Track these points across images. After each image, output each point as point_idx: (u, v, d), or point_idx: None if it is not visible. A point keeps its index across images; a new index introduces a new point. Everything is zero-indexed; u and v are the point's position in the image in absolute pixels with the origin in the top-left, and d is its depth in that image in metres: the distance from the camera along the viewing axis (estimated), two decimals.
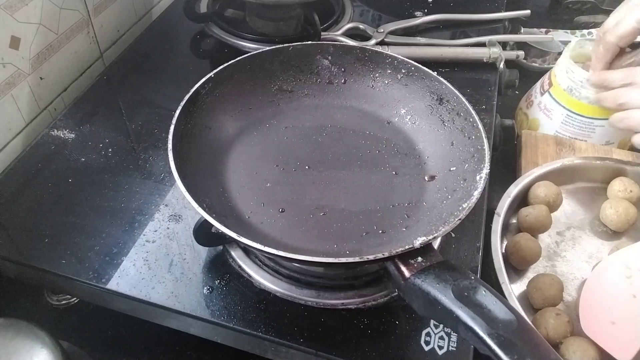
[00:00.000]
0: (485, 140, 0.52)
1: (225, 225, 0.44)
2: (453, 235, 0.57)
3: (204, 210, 0.45)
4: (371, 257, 0.42)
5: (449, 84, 0.58)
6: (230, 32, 0.83)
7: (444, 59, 0.80)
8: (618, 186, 0.67)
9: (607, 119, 0.77)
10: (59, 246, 0.55)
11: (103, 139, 0.67)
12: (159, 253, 0.55)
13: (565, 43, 0.85)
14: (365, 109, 0.63)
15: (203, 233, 0.53)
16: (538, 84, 0.84)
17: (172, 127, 0.51)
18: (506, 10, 0.94)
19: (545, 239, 0.64)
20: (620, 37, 0.65)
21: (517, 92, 0.89)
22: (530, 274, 0.60)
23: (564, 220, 0.66)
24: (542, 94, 0.81)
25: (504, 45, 0.85)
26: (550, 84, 0.79)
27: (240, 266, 0.54)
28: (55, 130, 0.68)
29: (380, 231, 0.52)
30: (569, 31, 0.98)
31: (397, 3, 0.95)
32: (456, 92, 0.57)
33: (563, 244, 0.64)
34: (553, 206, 0.65)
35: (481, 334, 0.36)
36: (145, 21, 0.92)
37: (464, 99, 0.56)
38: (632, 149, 0.68)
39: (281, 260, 0.53)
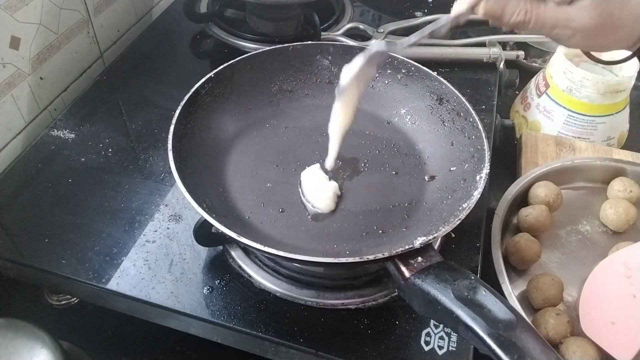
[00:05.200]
0: (485, 140, 0.52)
1: (225, 225, 0.44)
2: (453, 235, 0.57)
3: (204, 210, 0.45)
4: (371, 257, 0.42)
5: (449, 84, 0.58)
6: (230, 32, 0.83)
7: (444, 59, 0.80)
8: (618, 186, 0.67)
9: (608, 115, 0.77)
10: (59, 246, 0.55)
11: (103, 139, 0.67)
12: (159, 253, 0.55)
13: None
14: (365, 109, 0.63)
15: (203, 233, 0.53)
16: (532, 85, 0.84)
17: (172, 127, 0.51)
18: None
19: (545, 239, 0.64)
20: None
21: (517, 92, 0.89)
22: (530, 274, 0.60)
23: (564, 220, 0.66)
24: (539, 96, 0.81)
25: (504, 45, 0.85)
26: (547, 85, 0.79)
27: (240, 266, 0.54)
28: (55, 131, 0.68)
29: (380, 231, 0.52)
30: None
31: (397, 3, 0.95)
32: (456, 92, 0.57)
33: (563, 244, 0.64)
34: (553, 206, 0.65)
35: (481, 334, 0.36)
36: (145, 21, 0.92)
37: (464, 99, 0.56)
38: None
39: (281, 260, 0.53)
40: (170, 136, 0.51)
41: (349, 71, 0.50)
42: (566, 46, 0.47)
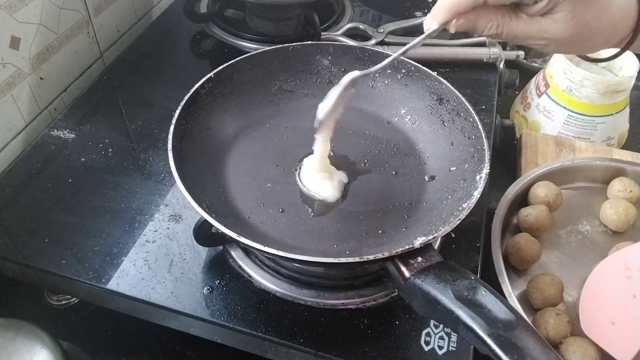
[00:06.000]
0: (485, 140, 0.52)
1: (225, 225, 0.44)
2: (453, 235, 0.57)
3: (204, 210, 0.45)
4: (371, 257, 0.42)
5: (449, 84, 0.58)
6: (230, 32, 0.83)
7: (444, 59, 0.80)
8: (618, 186, 0.67)
9: (608, 115, 0.77)
10: (59, 246, 0.55)
11: (103, 139, 0.67)
12: (159, 253, 0.55)
13: None
14: (365, 109, 0.63)
15: (203, 233, 0.53)
16: (532, 85, 0.84)
17: (172, 127, 0.51)
18: None
19: (545, 239, 0.64)
20: None
21: (517, 92, 0.89)
22: (530, 274, 0.60)
23: (564, 220, 0.66)
24: (539, 96, 0.81)
25: (504, 45, 0.85)
26: (547, 85, 0.79)
27: (240, 266, 0.54)
28: (55, 130, 0.68)
29: (380, 231, 0.52)
30: None
31: (397, 3, 0.95)
32: (456, 92, 0.57)
33: (563, 244, 0.64)
34: (553, 206, 0.65)
35: (481, 334, 0.36)
36: (145, 21, 0.92)
37: (464, 99, 0.56)
38: None
39: (281, 260, 0.53)
40: (170, 136, 0.51)
41: (326, 106, 0.50)
42: (544, 52, 0.48)
